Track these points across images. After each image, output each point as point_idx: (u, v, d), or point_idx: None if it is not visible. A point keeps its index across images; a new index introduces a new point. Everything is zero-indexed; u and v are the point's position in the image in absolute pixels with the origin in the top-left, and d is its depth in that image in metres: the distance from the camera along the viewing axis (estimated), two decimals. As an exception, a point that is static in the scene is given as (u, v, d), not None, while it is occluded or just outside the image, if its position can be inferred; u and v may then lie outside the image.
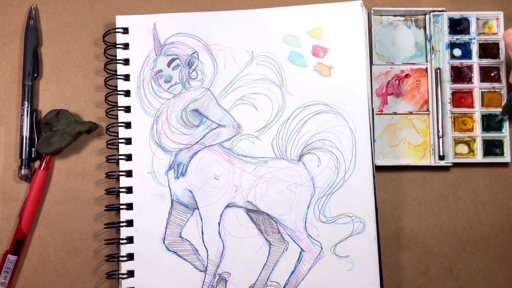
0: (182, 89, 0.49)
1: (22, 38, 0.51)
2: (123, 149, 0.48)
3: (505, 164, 0.51)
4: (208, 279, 0.47)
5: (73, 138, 0.49)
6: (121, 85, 0.49)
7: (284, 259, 0.47)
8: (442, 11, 0.50)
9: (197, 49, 0.49)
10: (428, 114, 0.50)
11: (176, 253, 0.47)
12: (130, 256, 0.47)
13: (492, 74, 0.50)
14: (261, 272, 0.47)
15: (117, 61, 0.49)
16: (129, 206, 0.48)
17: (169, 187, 0.48)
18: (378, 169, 0.49)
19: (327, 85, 0.48)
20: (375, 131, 0.49)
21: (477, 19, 0.51)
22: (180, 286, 0.47)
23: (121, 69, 0.49)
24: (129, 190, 0.48)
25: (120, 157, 0.48)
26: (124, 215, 0.48)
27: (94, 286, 0.49)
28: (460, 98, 0.50)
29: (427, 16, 0.51)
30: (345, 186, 0.47)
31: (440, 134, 0.49)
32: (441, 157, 0.49)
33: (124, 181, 0.48)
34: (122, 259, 0.47)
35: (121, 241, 0.47)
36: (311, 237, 0.47)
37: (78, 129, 0.49)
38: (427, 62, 0.51)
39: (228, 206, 0.48)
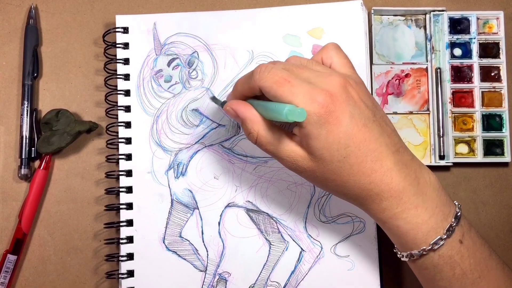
0: (182, 89, 0.49)
1: (22, 37, 0.51)
2: (123, 148, 0.48)
3: (505, 164, 0.51)
4: (208, 279, 0.47)
5: (73, 138, 0.49)
6: (121, 84, 0.49)
7: (284, 259, 0.47)
8: (442, 10, 0.50)
9: (197, 49, 0.49)
10: (428, 113, 0.50)
11: (176, 253, 0.47)
12: (130, 256, 0.47)
13: (492, 74, 0.50)
14: (261, 272, 0.47)
15: (117, 61, 0.49)
16: (129, 206, 0.48)
17: (169, 187, 0.48)
18: (378, 169, 0.49)
19: (327, 85, 0.48)
20: (375, 130, 0.49)
21: (477, 18, 0.51)
22: (180, 286, 0.47)
23: (121, 69, 0.49)
24: (129, 190, 0.48)
25: (120, 156, 0.48)
26: (124, 215, 0.48)
27: (94, 286, 0.49)
28: (460, 98, 0.50)
29: (427, 15, 0.51)
30: (345, 186, 0.47)
31: (441, 133, 0.49)
32: (441, 157, 0.49)
33: (124, 181, 0.48)
34: (122, 259, 0.47)
35: (121, 241, 0.47)
36: (311, 237, 0.47)
37: (78, 129, 0.48)
38: (427, 61, 0.51)
39: (228, 205, 0.48)
